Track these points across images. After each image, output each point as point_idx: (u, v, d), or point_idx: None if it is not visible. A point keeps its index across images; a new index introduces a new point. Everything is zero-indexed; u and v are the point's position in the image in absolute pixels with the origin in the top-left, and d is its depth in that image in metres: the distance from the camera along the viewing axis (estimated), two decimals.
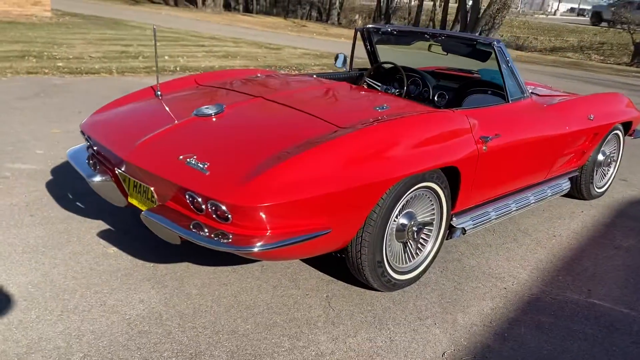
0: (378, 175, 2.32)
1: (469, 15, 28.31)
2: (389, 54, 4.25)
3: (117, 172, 2.54)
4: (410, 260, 2.80)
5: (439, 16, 31.65)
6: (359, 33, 4.13)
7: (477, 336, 2.45)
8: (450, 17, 30.66)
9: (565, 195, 4.36)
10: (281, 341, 2.28)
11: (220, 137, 2.47)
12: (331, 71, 4.33)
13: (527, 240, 3.54)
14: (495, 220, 3.29)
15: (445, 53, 3.74)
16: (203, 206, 2.14)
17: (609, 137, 4.20)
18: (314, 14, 37.48)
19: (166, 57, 9.57)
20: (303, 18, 36.89)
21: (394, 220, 2.60)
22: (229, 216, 2.09)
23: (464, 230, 3.06)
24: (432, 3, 33.59)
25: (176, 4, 36.17)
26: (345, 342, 2.32)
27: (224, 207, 2.07)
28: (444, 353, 2.31)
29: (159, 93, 3.03)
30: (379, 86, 4.09)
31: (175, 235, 2.24)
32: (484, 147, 2.89)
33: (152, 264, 2.78)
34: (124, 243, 2.96)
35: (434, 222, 2.85)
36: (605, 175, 4.49)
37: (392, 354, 2.27)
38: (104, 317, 2.32)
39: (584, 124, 3.77)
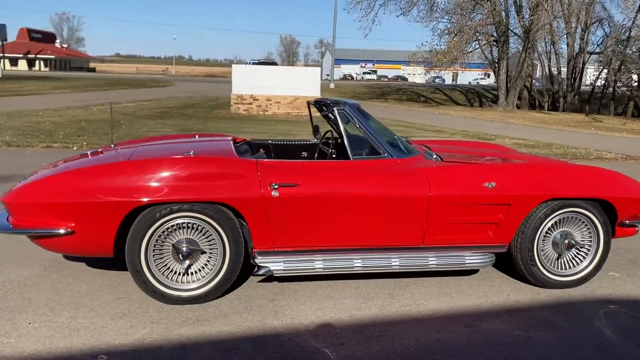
0: (114, 197, 3.08)
1: None
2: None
3: None
4: (191, 282, 3.30)
5: None
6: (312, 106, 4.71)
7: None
8: None
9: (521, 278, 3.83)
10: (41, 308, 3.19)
11: (69, 164, 3.55)
12: (303, 139, 4.93)
13: (376, 301, 3.43)
14: (322, 271, 3.41)
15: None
16: None
17: (558, 215, 3.57)
18: (632, 109, 33.87)
19: None
20: (621, 115, 33.61)
21: (162, 240, 3.22)
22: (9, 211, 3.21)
23: (271, 272, 3.34)
24: None
25: (480, 105, 37.71)
26: (60, 315, 3.11)
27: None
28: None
29: (112, 145, 4.32)
30: (328, 150, 4.55)
31: None
32: (274, 193, 3.23)
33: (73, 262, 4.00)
34: None
35: (218, 253, 3.29)
36: (576, 264, 3.72)
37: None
38: None
39: (473, 190, 3.45)
